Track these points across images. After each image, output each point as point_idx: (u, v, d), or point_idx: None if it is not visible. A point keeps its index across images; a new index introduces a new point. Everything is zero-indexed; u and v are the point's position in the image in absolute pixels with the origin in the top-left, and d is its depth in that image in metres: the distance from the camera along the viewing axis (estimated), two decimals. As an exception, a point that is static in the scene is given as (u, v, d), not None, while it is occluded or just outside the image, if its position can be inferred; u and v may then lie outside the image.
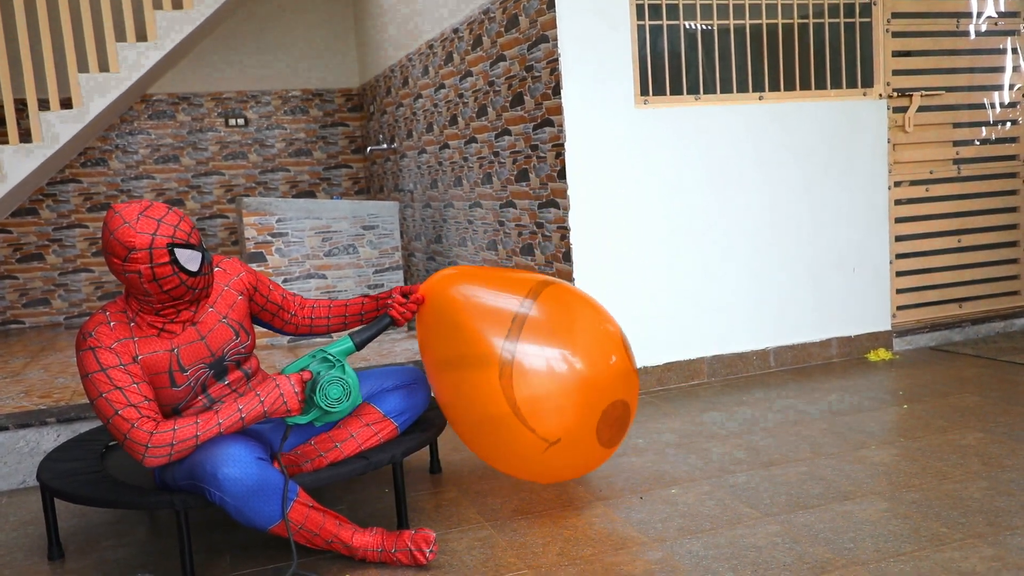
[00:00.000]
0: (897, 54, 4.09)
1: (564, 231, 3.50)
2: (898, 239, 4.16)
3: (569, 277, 3.50)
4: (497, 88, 3.96)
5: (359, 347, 2.19)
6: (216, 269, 2.18)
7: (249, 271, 2.24)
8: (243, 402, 2.01)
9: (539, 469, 2.34)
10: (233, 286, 2.18)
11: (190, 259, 1.94)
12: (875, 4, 3.96)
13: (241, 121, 6.51)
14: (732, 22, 3.72)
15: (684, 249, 3.68)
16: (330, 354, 2.10)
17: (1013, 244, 4.44)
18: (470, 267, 2.46)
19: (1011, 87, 4.37)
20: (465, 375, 2.27)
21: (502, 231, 4.07)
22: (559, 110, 3.43)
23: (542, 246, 3.70)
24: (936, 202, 4.24)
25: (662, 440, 2.97)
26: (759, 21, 3.77)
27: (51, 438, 2.93)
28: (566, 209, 3.47)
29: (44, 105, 5.93)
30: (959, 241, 4.30)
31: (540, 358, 2.22)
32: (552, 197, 3.56)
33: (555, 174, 3.51)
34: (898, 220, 4.15)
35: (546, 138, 3.55)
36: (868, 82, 3.98)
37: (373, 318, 2.37)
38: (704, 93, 3.70)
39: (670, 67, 3.63)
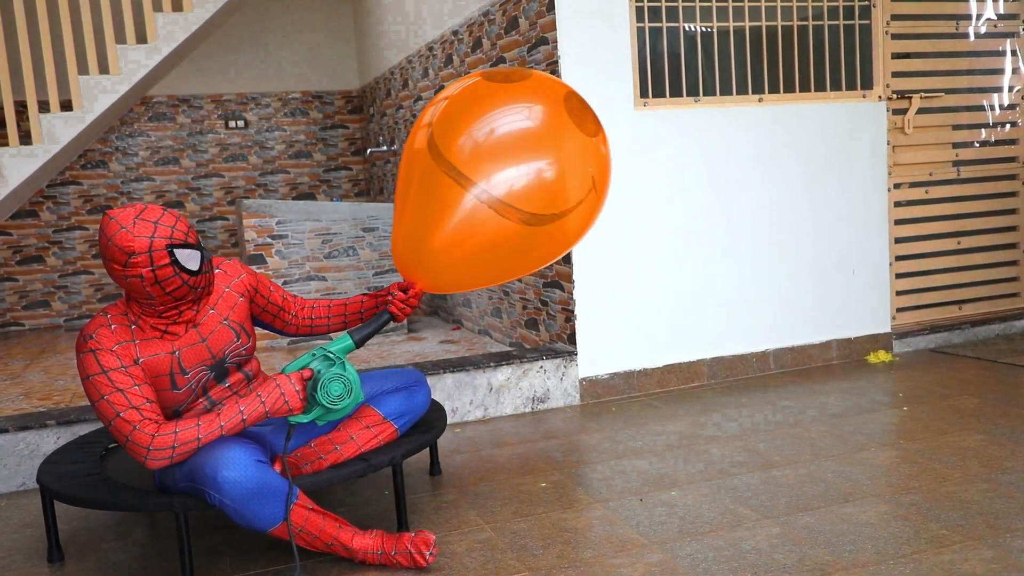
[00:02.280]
0: (896, 56, 4.09)
1: (564, 233, 3.50)
2: (898, 241, 4.16)
3: (569, 279, 3.50)
4: (497, 90, 3.96)
5: (359, 344, 2.19)
6: (217, 271, 2.18)
7: (250, 273, 2.24)
8: (244, 403, 2.01)
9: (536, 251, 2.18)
10: (234, 288, 2.18)
11: (190, 258, 1.94)
12: (874, 6, 3.97)
13: (241, 123, 6.51)
14: (732, 24, 3.73)
15: (684, 251, 3.68)
16: (330, 352, 2.10)
17: (1012, 246, 4.44)
18: None
19: (1010, 89, 4.38)
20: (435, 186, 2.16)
21: (502, 233, 4.07)
22: (559, 112, 3.43)
23: (542, 248, 3.69)
24: (936, 204, 4.24)
25: (662, 442, 2.97)
26: (759, 23, 3.77)
27: (51, 440, 2.93)
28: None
29: (44, 107, 5.93)
30: (958, 243, 4.30)
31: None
32: (552, 199, 3.55)
33: (555, 176, 3.51)
34: (898, 222, 4.15)
35: (546, 140, 3.55)
36: (867, 84, 3.98)
37: (371, 316, 2.37)
38: (704, 95, 3.70)
39: (670, 69, 3.63)
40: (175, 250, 1.91)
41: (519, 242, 2.15)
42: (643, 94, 3.59)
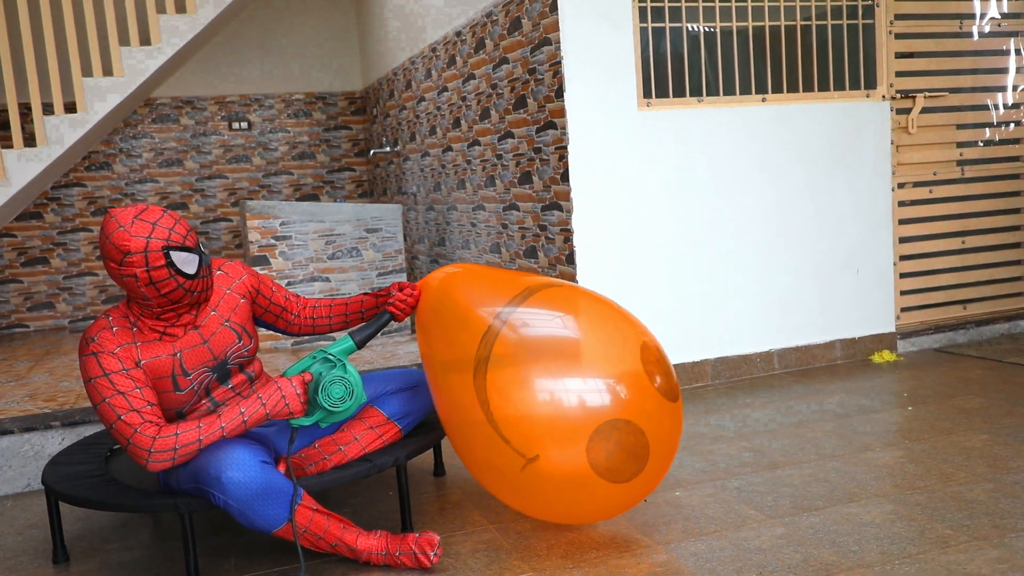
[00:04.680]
0: (900, 56, 4.08)
1: (567, 233, 3.50)
2: (902, 241, 4.15)
3: (572, 279, 3.50)
4: (500, 91, 3.96)
5: (360, 345, 2.19)
6: (218, 272, 2.18)
7: (251, 274, 2.24)
8: (245, 405, 2.01)
9: (525, 494, 2.07)
10: (235, 289, 2.18)
11: (186, 262, 1.94)
12: (878, 6, 3.96)
13: (244, 124, 6.52)
14: (735, 24, 3.72)
15: (687, 251, 3.68)
16: (331, 354, 2.10)
17: (1017, 245, 4.43)
18: (474, 266, 2.33)
19: (1015, 88, 4.37)
20: (447, 378, 2.13)
21: (505, 234, 4.07)
22: (562, 112, 3.43)
23: (545, 249, 3.70)
24: (940, 203, 4.24)
25: (666, 442, 2.96)
26: (762, 23, 3.77)
27: (55, 442, 2.93)
28: (569, 212, 3.47)
29: (48, 109, 5.94)
30: (963, 243, 4.29)
31: (516, 361, 1.99)
32: (555, 200, 3.56)
33: (558, 176, 3.51)
34: (902, 222, 4.14)
35: (549, 141, 3.55)
36: (871, 84, 3.97)
37: (374, 315, 2.37)
38: (707, 95, 3.70)
39: (673, 69, 3.63)
40: (172, 252, 1.91)
41: (485, 437, 2.07)
42: (646, 94, 3.58)
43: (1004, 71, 4.34)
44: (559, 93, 3.44)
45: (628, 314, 2.17)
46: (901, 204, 4.14)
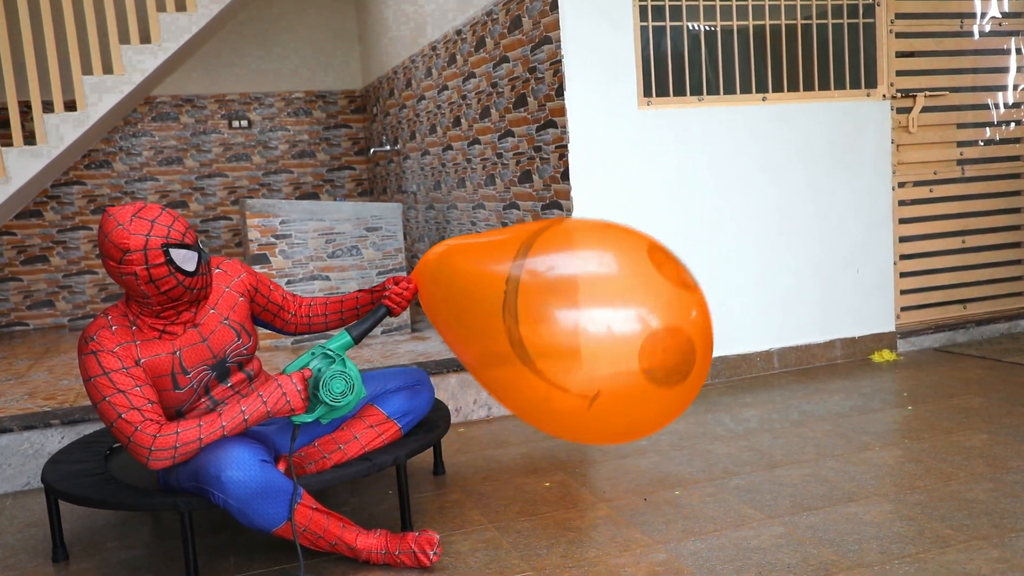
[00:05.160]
0: (901, 55, 4.08)
1: (567, 232, 3.49)
2: (902, 240, 4.15)
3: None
4: (500, 89, 3.96)
5: (357, 340, 2.19)
6: (217, 271, 2.18)
7: (250, 272, 2.24)
8: (246, 403, 2.01)
9: (592, 428, 2.09)
10: (234, 287, 2.18)
11: (186, 259, 1.94)
12: (878, 5, 3.96)
13: (244, 123, 6.52)
14: (735, 23, 3.72)
15: (687, 250, 3.68)
16: (329, 350, 2.10)
17: (1017, 245, 4.43)
18: (456, 240, 2.31)
19: (1015, 87, 4.37)
20: (483, 349, 2.12)
21: (505, 232, 4.07)
22: (562, 111, 3.43)
23: (545, 247, 3.69)
24: (940, 203, 4.23)
25: (666, 441, 2.96)
26: (762, 22, 3.77)
27: (55, 440, 2.93)
28: (569, 211, 3.47)
29: (48, 107, 5.94)
30: (963, 242, 4.29)
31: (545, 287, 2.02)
32: (555, 199, 3.56)
33: (558, 175, 3.51)
34: (902, 221, 4.14)
35: (549, 139, 3.55)
36: (872, 83, 3.97)
37: (367, 312, 2.37)
38: (707, 94, 3.69)
39: (673, 68, 3.62)
40: (171, 250, 1.91)
41: (519, 376, 2.08)
42: (647, 93, 3.58)
43: (1005, 70, 4.34)
44: (559, 92, 3.43)
45: (621, 226, 2.20)
46: (901, 203, 4.14)
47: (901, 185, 4.13)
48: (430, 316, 2.29)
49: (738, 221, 3.75)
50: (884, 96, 3.99)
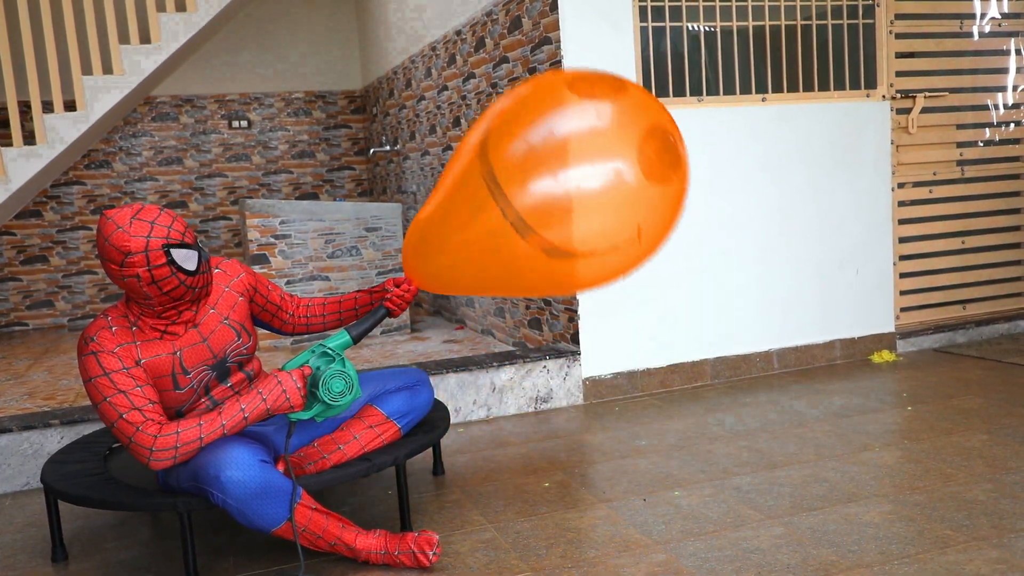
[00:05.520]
0: (900, 55, 4.08)
1: (567, 233, 3.49)
2: (902, 241, 4.15)
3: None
4: (500, 90, 3.96)
5: (356, 340, 2.19)
6: (216, 271, 2.18)
7: (249, 272, 2.24)
8: (245, 400, 2.01)
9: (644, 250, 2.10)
10: (234, 287, 2.18)
11: (186, 258, 1.94)
12: (878, 6, 3.96)
13: (244, 123, 6.52)
14: (735, 24, 3.72)
15: (687, 250, 3.68)
16: (329, 348, 2.10)
17: (1017, 246, 4.43)
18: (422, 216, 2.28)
19: (1015, 88, 4.37)
20: (494, 249, 2.06)
21: (505, 233, 4.07)
22: (562, 112, 3.43)
23: (545, 248, 3.69)
24: (940, 203, 4.24)
25: (665, 442, 2.96)
26: (762, 23, 3.77)
27: (55, 440, 2.93)
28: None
29: (48, 107, 5.94)
30: (963, 243, 4.29)
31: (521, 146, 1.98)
32: (555, 199, 3.55)
33: (558, 176, 3.51)
34: (902, 222, 4.14)
35: (549, 140, 3.55)
36: (871, 84, 3.97)
37: (367, 312, 2.36)
38: (707, 95, 3.69)
39: (673, 69, 3.63)
40: (172, 250, 1.91)
41: (533, 264, 2.06)
42: (646, 94, 3.58)
43: (1004, 71, 4.34)
44: (559, 92, 3.43)
45: (533, 86, 2.15)
46: (901, 204, 4.14)
47: (901, 186, 4.13)
48: (445, 288, 2.24)
49: (738, 221, 3.75)
50: (884, 97, 3.99)
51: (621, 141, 2.02)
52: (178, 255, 1.93)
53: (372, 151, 5.75)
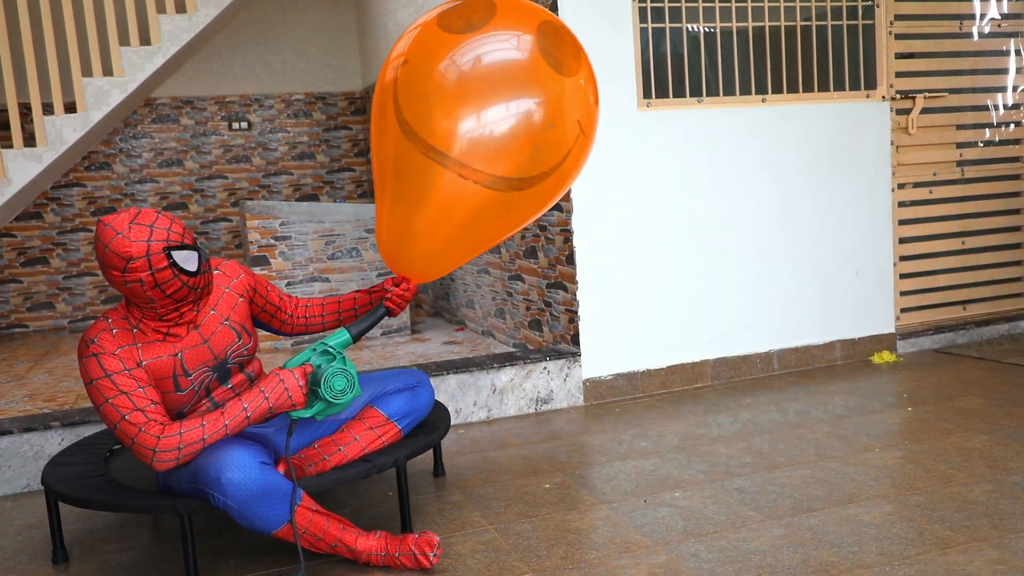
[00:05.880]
0: (900, 56, 4.08)
1: (567, 234, 3.50)
2: (902, 241, 4.15)
3: (572, 280, 3.50)
4: (500, 91, 3.96)
5: (356, 339, 2.19)
6: (215, 272, 2.19)
7: (248, 273, 2.24)
8: (247, 399, 2.01)
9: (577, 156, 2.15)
10: (233, 288, 2.19)
11: (187, 259, 1.95)
12: (878, 6, 3.96)
13: (244, 124, 6.52)
14: (735, 24, 3.72)
15: (687, 251, 3.68)
16: (330, 347, 2.10)
17: (1017, 246, 4.43)
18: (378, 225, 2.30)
19: (1014, 89, 4.37)
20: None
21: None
22: (562, 113, 3.43)
23: (545, 249, 3.70)
24: (940, 204, 4.24)
25: (665, 443, 2.96)
26: (762, 23, 3.77)
27: (55, 442, 2.93)
28: (569, 212, 3.47)
29: (48, 109, 5.94)
30: (963, 243, 4.29)
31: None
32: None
33: (558, 177, 3.51)
34: (901, 222, 4.14)
35: (549, 141, 3.55)
36: (871, 84, 3.98)
37: (366, 312, 2.37)
38: (707, 95, 3.69)
39: (673, 70, 3.63)
40: (173, 252, 1.91)
41: (504, 206, 2.08)
42: (646, 95, 3.58)
43: (1004, 72, 4.34)
44: (559, 93, 3.43)
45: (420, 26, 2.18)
46: (901, 204, 4.14)
47: (901, 186, 4.13)
48: (440, 269, 2.23)
49: (738, 222, 3.75)
50: (883, 97, 3.99)
51: (525, 56, 2.03)
52: (179, 257, 1.93)
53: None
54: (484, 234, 2.15)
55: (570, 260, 3.51)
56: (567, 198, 3.46)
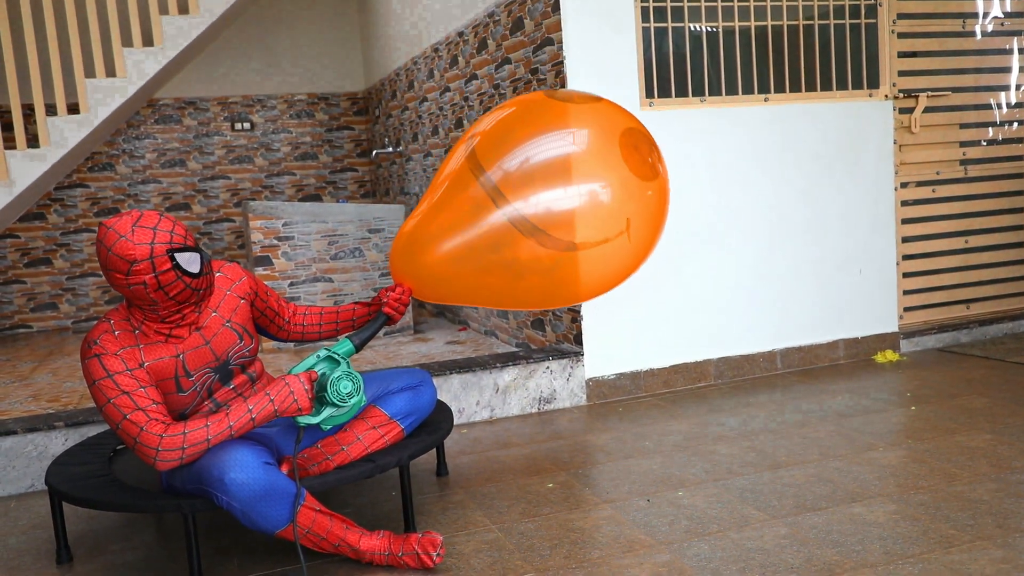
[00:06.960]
0: (903, 55, 4.08)
1: (570, 234, 3.49)
2: (905, 240, 4.15)
3: (575, 280, 3.50)
4: (502, 91, 3.96)
5: (359, 348, 2.20)
6: (217, 274, 2.19)
7: (250, 276, 2.24)
8: (253, 402, 2.01)
9: (639, 248, 2.25)
10: (235, 290, 2.19)
11: (190, 261, 1.95)
12: (880, 5, 3.96)
13: (247, 125, 6.53)
14: (737, 24, 3.72)
15: (690, 251, 3.68)
16: (335, 353, 2.11)
17: (1021, 245, 4.43)
18: (405, 225, 2.35)
19: (1017, 87, 4.36)
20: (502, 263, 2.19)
21: (508, 234, 4.07)
22: (564, 113, 3.43)
23: (548, 249, 3.69)
24: (943, 203, 4.23)
25: (669, 442, 2.96)
26: (764, 23, 3.77)
27: (59, 442, 2.94)
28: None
29: (51, 110, 5.95)
30: (966, 242, 4.29)
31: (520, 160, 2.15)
32: (558, 200, 3.55)
33: (561, 177, 3.51)
34: (905, 221, 4.14)
35: (551, 141, 3.55)
36: (874, 83, 3.97)
37: (365, 323, 2.37)
38: (709, 95, 3.69)
39: (675, 69, 3.63)
40: (175, 254, 1.92)
41: (528, 265, 2.17)
42: (648, 94, 3.58)
43: (1007, 70, 4.33)
44: (561, 93, 3.43)
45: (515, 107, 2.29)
46: (904, 204, 4.13)
47: (904, 185, 4.12)
48: (435, 292, 2.30)
49: (741, 221, 3.75)
50: (886, 96, 3.99)
51: (606, 140, 2.19)
52: (182, 259, 1.93)
53: (375, 153, 5.76)
54: (493, 285, 2.24)
55: (573, 260, 3.50)
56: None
